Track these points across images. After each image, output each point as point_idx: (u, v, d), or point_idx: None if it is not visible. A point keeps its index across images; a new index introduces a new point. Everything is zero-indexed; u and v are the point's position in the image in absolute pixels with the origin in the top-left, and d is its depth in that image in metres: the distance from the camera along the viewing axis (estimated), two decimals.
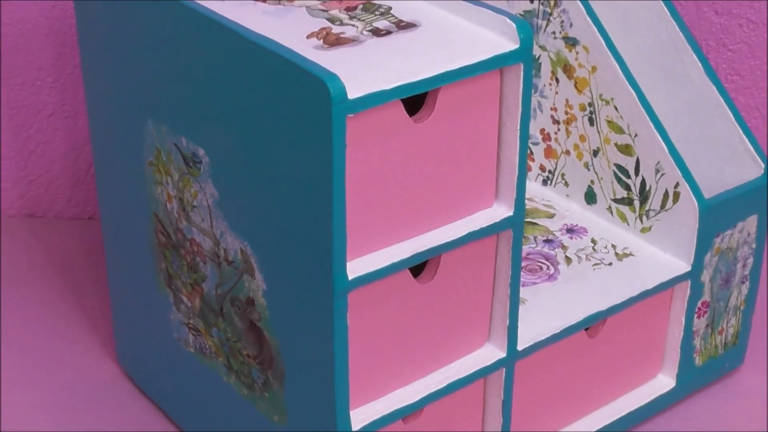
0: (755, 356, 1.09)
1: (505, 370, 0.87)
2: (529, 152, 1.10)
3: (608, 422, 0.98)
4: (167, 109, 0.85)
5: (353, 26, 0.78)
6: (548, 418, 0.95)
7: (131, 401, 1.03)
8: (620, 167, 1.01)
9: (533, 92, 1.08)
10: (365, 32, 0.77)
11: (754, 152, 1.00)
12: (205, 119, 0.81)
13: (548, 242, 1.02)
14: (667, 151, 0.96)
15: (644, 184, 0.99)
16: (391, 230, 0.77)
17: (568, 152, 1.07)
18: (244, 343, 0.85)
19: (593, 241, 1.02)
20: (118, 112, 0.92)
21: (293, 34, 0.76)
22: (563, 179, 1.08)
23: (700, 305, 1.00)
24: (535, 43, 1.05)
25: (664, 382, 1.02)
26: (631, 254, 1.00)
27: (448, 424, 0.87)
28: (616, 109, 0.99)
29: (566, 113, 1.05)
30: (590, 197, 1.06)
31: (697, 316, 1.00)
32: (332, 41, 0.76)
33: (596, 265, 0.98)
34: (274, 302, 0.81)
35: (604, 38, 0.98)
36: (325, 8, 0.81)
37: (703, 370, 1.03)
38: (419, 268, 0.80)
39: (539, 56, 1.05)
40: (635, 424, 1.00)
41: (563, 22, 1.01)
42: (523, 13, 1.05)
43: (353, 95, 0.70)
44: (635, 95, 0.97)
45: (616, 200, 1.03)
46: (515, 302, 0.84)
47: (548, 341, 0.90)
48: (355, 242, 0.75)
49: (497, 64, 0.75)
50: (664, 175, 0.97)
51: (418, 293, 0.80)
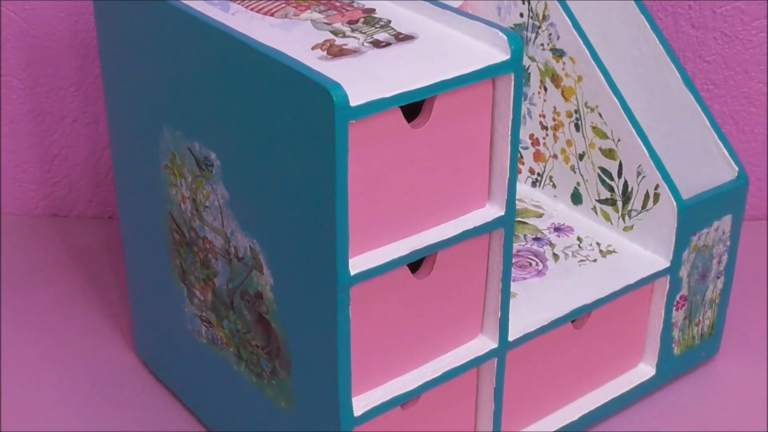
0: (729, 346, 1.09)
1: (496, 359, 0.87)
2: (519, 156, 1.10)
3: (593, 408, 0.97)
4: (181, 115, 0.84)
5: (355, 38, 0.78)
6: (537, 404, 0.95)
7: (148, 388, 1.03)
8: (604, 170, 1.01)
9: (523, 100, 1.07)
10: (366, 44, 0.77)
11: (728, 156, 1.00)
12: (216, 125, 0.81)
13: (537, 240, 1.02)
14: (647, 155, 0.96)
15: (626, 185, 0.99)
16: (390, 229, 0.76)
17: (555, 156, 1.06)
18: (253, 334, 0.85)
19: (579, 239, 1.02)
20: (135, 118, 0.91)
21: (299, 45, 0.76)
22: (551, 181, 1.08)
23: (678, 299, 0.99)
24: (525, 54, 1.04)
25: (644, 370, 1.02)
26: (614, 251, 0.99)
27: (443, 409, 0.87)
28: (600, 115, 0.99)
29: (554, 120, 1.05)
30: (576, 198, 1.05)
31: (675, 308, 0.99)
32: (335, 52, 0.75)
33: (582, 261, 0.98)
34: (280, 296, 0.80)
35: (589, 50, 0.98)
36: (328, 21, 0.80)
37: (681, 359, 1.03)
38: (417, 264, 0.80)
39: (529, 66, 1.05)
40: (618, 409, 1.00)
41: (551, 34, 1.01)
42: (513, 26, 1.05)
43: (355, 103, 0.69)
44: (618, 103, 0.97)
45: (600, 201, 1.03)
46: (506, 296, 0.84)
47: (537, 332, 0.89)
48: (356, 240, 0.74)
49: (490, 73, 0.75)
50: (645, 177, 0.97)
51: (415, 288, 0.79)
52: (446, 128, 0.76)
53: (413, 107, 0.74)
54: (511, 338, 0.87)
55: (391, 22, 0.80)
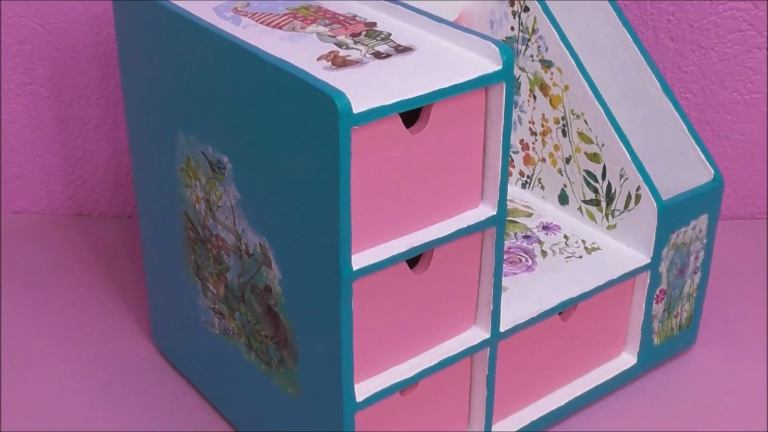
0: (706, 337, 1.09)
1: (489, 349, 0.86)
2: (510, 160, 1.10)
3: (578, 394, 0.97)
4: (195, 121, 0.84)
5: (357, 50, 0.77)
6: (527, 390, 0.95)
7: (165, 377, 1.03)
8: (589, 173, 1.01)
9: (514, 107, 1.07)
10: (368, 55, 0.77)
11: (705, 160, 1.00)
12: (228, 130, 0.80)
13: (527, 238, 1.01)
14: (629, 159, 0.96)
15: (610, 187, 0.99)
16: (390, 227, 0.76)
17: (544, 160, 1.06)
18: (262, 325, 0.85)
19: (566, 237, 1.01)
20: (152, 124, 0.91)
21: (305, 57, 0.76)
22: (540, 183, 1.08)
23: (658, 292, 0.99)
24: (515, 65, 1.04)
25: (626, 359, 1.01)
26: (598, 248, 0.99)
27: (439, 395, 0.87)
28: (585, 122, 0.99)
29: (542, 126, 1.05)
30: (563, 199, 1.05)
31: (655, 302, 0.99)
32: (339, 63, 0.75)
33: (568, 258, 0.98)
34: (288, 290, 0.80)
35: (575, 61, 0.98)
36: (333, 34, 0.80)
37: (660, 348, 1.03)
38: (414, 260, 0.80)
39: (519, 76, 1.05)
40: (602, 395, 1.00)
41: (540, 46, 1.01)
42: (505, 38, 1.04)
43: (357, 110, 0.69)
44: (602, 110, 0.97)
45: (585, 201, 1.02)
46: (498, 290, 0.84)
47: (527, 324, 0.89)
48: (358, 237, 0.74)
49: (483, 83, 0.75)
50: (627, 179, 0.96)
51: (413, 282, 0.79)
52: (442, 133, 0.76)
53: (412, 114, 0.74)
54: (502, 329, 0.87)
55: (391, 34, 0.80)
